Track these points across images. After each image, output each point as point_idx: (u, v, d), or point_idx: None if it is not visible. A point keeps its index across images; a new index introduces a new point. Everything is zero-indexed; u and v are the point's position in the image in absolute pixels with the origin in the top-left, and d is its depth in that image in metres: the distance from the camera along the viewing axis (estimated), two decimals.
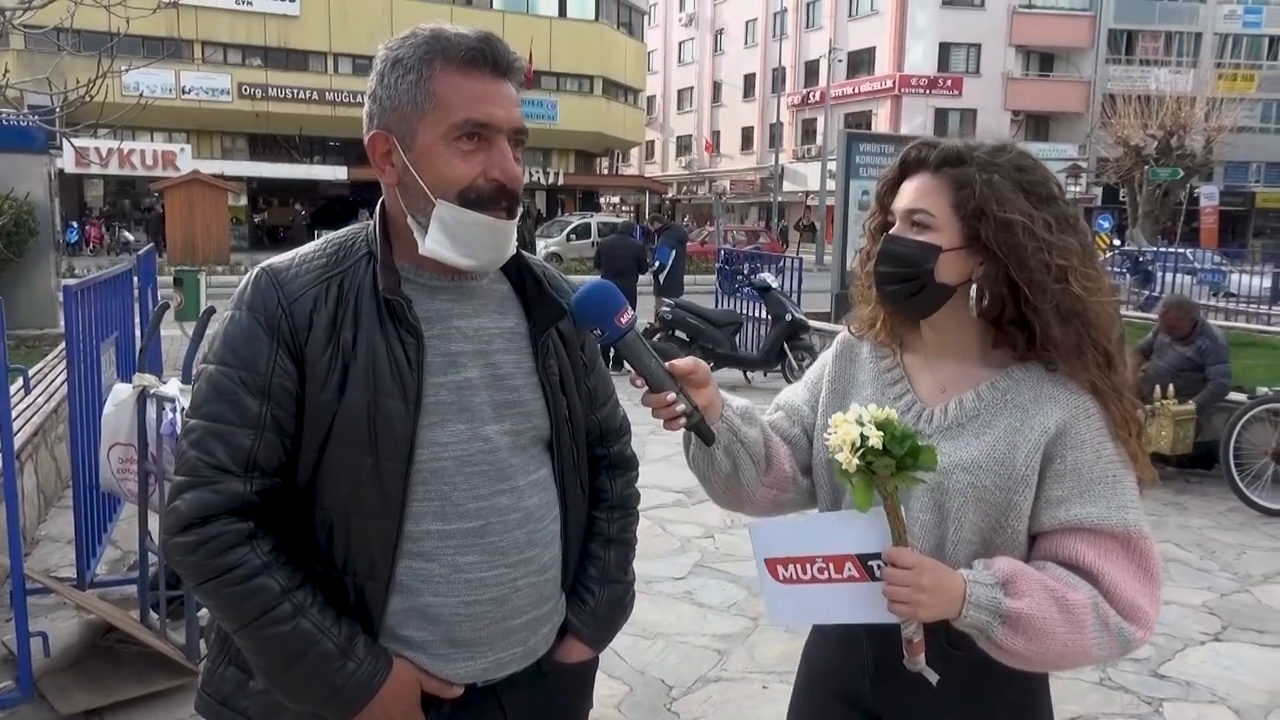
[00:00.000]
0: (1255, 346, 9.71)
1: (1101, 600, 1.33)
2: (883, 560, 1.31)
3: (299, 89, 34.10)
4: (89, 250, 28.39)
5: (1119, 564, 1.35)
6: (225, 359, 1.32)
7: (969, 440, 1.41)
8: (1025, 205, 1.38)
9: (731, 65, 51.33)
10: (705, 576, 4.63)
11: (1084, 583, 1.34)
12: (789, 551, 1.38)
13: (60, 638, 3.63)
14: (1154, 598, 1.36)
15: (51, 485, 5.45)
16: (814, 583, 1.37)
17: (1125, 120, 26.33)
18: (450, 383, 1.37)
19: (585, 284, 1.44)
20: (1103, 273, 1.44)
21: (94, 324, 4.08)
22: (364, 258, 1.39)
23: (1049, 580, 1.33)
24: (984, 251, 1.40)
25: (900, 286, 1.45)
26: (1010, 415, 1.40)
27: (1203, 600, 4.59)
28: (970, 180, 1.39)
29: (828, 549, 1.36)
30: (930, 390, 1.49)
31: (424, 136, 1.33)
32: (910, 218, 1.44)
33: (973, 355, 1.47)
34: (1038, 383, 1.40)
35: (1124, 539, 1.35)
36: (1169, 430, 6.54)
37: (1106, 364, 1.40)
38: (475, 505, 1.37)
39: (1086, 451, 1.36)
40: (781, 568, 1.39)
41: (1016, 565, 1.35)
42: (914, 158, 1.47)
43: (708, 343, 9.65)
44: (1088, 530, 1.35)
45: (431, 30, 1.35)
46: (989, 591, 1.31)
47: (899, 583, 1.28)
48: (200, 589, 1.31)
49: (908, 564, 1.28)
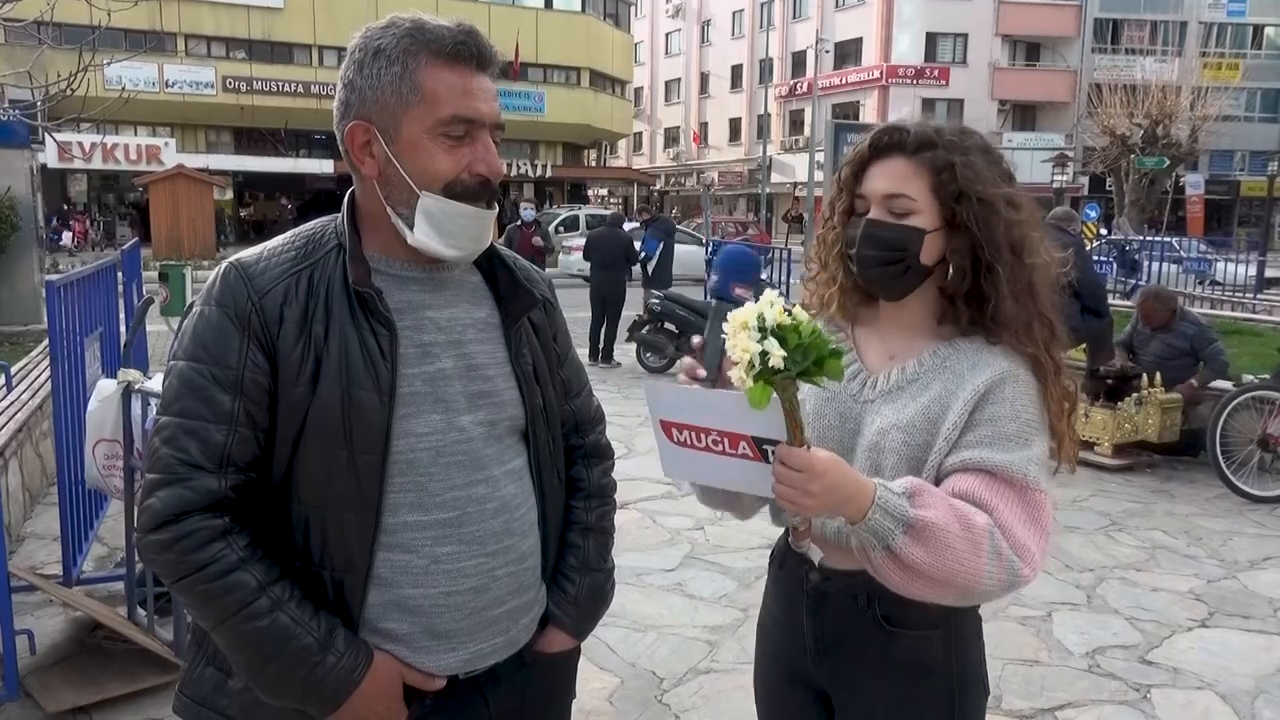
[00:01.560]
0: (1240, 334, 9.77)
1: (997, 531, 1.33)
2: (776, 456, 1.27)
3: (284, 82, 33.91)
4: (73, 245, 28.17)
5: (1012, 506, 1.36)
6: (195, 355, 1.31)
7: (906, 403, 1.46)
8: (998, 182, 1.44)
9: (719, 56, 51.27)
10: (696, 568, 4.63)
11: (983, 513, 1.34)
12: (685, 419, 1.33)
13: (47, 635, 3.61)
14: (1042, 546, 1.37)
15: (37, 482, 5.41)
16: (708, 451, 1.32)
17: (1111, 109, 26.46)
18: (424, 373, 1.36)
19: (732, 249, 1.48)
20: (1055, 256, 1.51)
21: (78, 319, 4.05)
22: (334, 250, 1.38)
23: (954, 501, 1.34)
24: (956, 230, 1.44)
25: (886, 269, 1.48)
26: (946, 379, 1.45)
27: (1190, 587, 4.62)
28: (949, 164, 1.42)
29: (724, 425, 1.30)
30: (878, 358, 1.54)
31: (409, 129, 1.33)
32: (889, 203, 1.46)
33: (922, 327, 1.52)
34: (977, 351, 1.47)
35: (1020, 487, 1.37)
36: (1156, 418, 6.59)
37: (1051, 336, 1.46)
38: (452, 495, 1.36)
39: (1005, 408, 1.40)
40: (677, 431, 1.34)
41: (923, 484, 1.36)
42: (886, 142, 1.48)
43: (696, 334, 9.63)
44: (988, 472, 1.37)
45: (413, 21, 1.34)
46: (897, 499, 1.30)
47: (788, 483, 1.25)
48: (176, 586, 1.30)
49: (797, 466, 1.24)
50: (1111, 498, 6.07)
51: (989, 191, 1.42)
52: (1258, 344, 9.04)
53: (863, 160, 1.51)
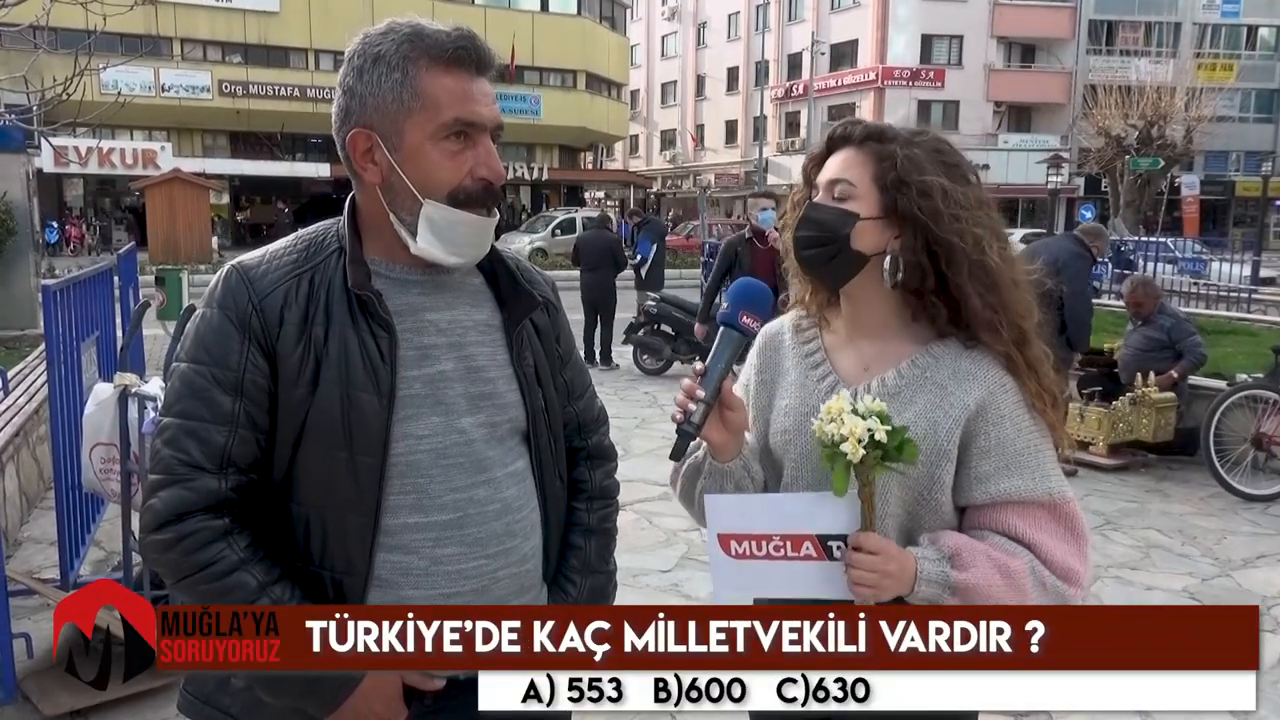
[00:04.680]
0: (1235, 334, 9.79)
1: (1038, 563, 1.41)
2: (847, 544, 1.35)
3: (280, 86, 33.87)
4: (69, 250, 28.13)
5: (1049, 530, 1.43)
6: (197, 356, 1.32)
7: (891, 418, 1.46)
8: (943, 177, 1.45)
9: (714, 59, 51.27)
10: (692, 569, 4.64)
11: (1022, 549, 1.42)
12: (745, 528, 1.39)
13: (43, 639, 3.60)
14: (1084, 556, 1.45)
15: (34, 486, 5.41)
16: (768, 559, 1.38)
17: (1106, 110, 26.48)
18: (424, 376, 1.37)
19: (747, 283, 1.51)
20: (1019, 259, 1.52)
21: (74, 324, 4.05)
22: (335, 253, 1.39)
23: (991, 550, 1.40)
24: (901, 223, 1.45)
25: (816, 251, 1.50)
26: (930, 392, 1.46)
27: (1184, 585, 4.64)
28: (892, 154, 1.45)
29: (788, 528, 1.37)
30: (853, 369, 1.54)
31: (411, 136, 1.33)
32: (832, 188, 1.50)
33: (891, 331, 1.52)
34: (955, 359, 1.47)
35: (1050, 506, 1.44)
36: (1150, 418, 6.60)
37: (1021, 339, 1.46)
38: (452, 497, 1.37)
39: (1007, 426, 1.44)
40: (735, 543, 1.40)
41: (960, 539, 1.41)
42: (840, 134, 1.53)
43: (693, 336, 9.67)
44: (1017, 503, 1.44)
45: (411, 26, 1.35)
46: (938, 566, 1.38)
47: (865, 567, 1.33)
48: (178, 586, 1.31)
49: (875, 549, 1.34)
50: (1106, 497, 6.09)
51: (928, 181, 1.43)
52: (1252, 344, 9.06)
53: (821, 156, 1.55)
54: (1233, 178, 41.32)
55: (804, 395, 1.53)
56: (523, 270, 1.53)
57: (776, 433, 1.54)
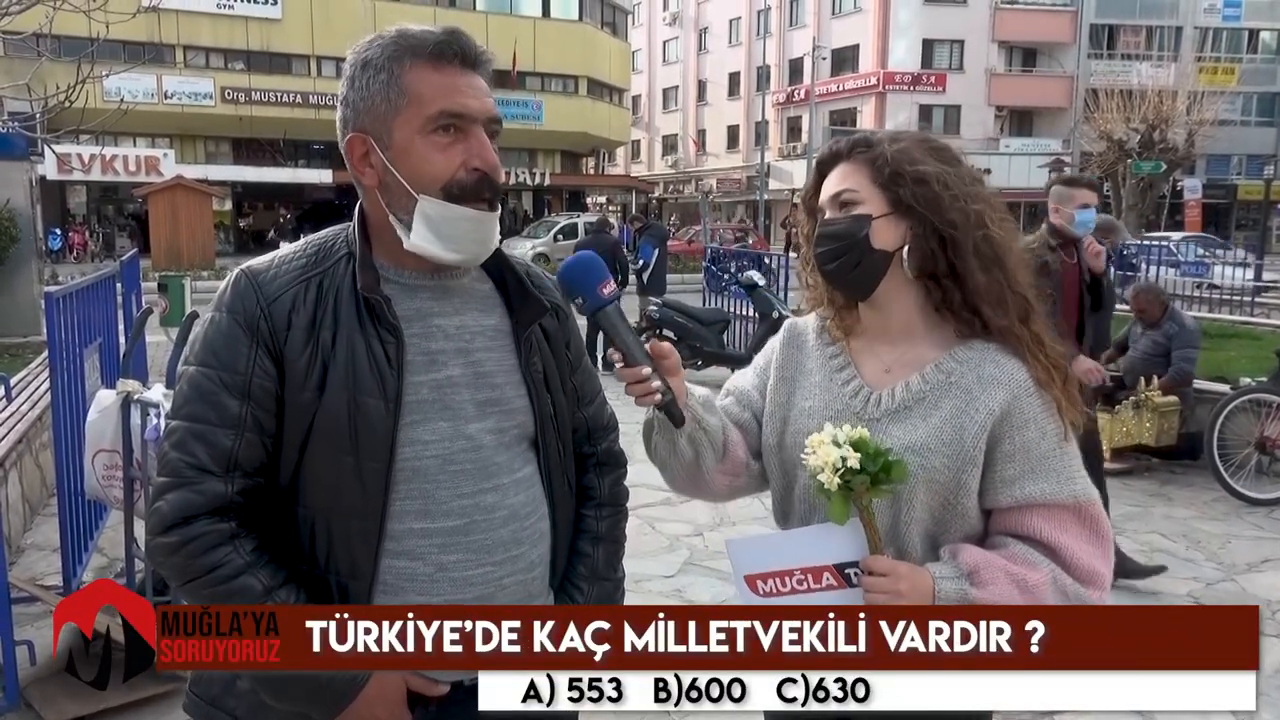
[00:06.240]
0: (1238, 338, 9.78)
1: (1059, 572, 1.42)
2: (860, 569, 1.39)
3: (282, 92, 33.95)
4: (72, 257, 28.20)
5: (1073, 533, 1.45)
6: (205, 360, 1.33)
7: (916, 423, 1.47)
8: (935, 163, 1.48)
9: (716, 64, 51.37)
10: (695, 574, 4.64)
11: (1043, 558, 1.43)
12: (768, 567, 1.44)
13: (46, 646, 3.60)
14: (1107, 557, 1.47)
15: (36, 493, 5.42)
16: (793, 594, 1.42)
17: (1108, 114, 26.49)
18: (431, 381, 1.37)
19: (571, 255, 1.50)
20: (1014, 225, 1.57)
21: (77, 330, 4.06)
22: (343, 258, 1.39)
23: (1010, 565, 1.41)
24: (910, 214, 1.48)
25: (840, 262, 1.51)
26: (955, 397, 1.46)
27: (1188, 590, 4.62)
28: (882, 154, 1.49)
29: (806, 561, 1.42)
30: (876, 373, 1.54)
31: (400, 133, 1.34)
32: (837, 201, 1.52)
33: (915, 334, 1.53)
34: (979, 364, 1.48)
35: (1074, 508, 1.45)
36: (1154, 422, 6.59)
37: (1025, 314, 1.49)
38: (459, 504, 1.37)
39: (1031, 430, 1.45)
40: (761, 583, 1.44)
41: (978, 555, 1.42)
42: (828, 155, 1.57)
43: (696, 341, 9.66)
44: (1041, 506, 1.45)
45: (397, 30, 1.36)
46: (956, 584, 1.39)
47: (878, 590, 1.36)
48: (184, 589, 1.31)
49: (884, 571, 1.38)
50: (1110, 501, 6.07)
51: (921, 169, 1.46)
52: (1255, 347, 9.05)
53: (815, 184, 1.58)
54: (1235, 181, 41.29)
55: (828, 399, 1.54)
56: (532, 276, 1.53)
57: (796, 433, 1.54)
